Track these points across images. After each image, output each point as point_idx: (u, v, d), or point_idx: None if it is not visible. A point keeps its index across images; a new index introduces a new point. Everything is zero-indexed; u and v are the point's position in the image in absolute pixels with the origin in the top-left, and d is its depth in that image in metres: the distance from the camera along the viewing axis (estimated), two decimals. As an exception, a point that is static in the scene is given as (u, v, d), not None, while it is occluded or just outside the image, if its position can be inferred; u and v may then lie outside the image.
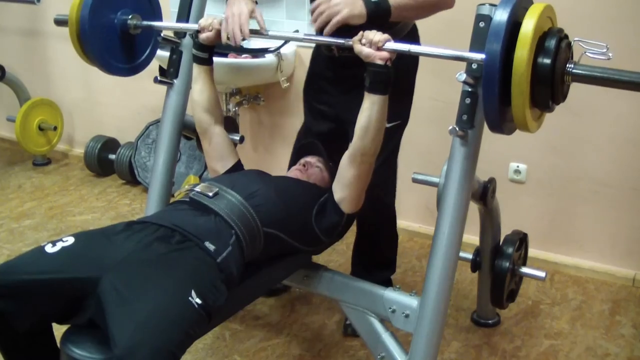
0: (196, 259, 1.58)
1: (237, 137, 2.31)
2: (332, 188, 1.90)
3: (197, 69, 2.06)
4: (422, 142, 2.92)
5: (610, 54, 1.48)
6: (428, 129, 2.87)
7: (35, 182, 3.77)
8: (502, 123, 1.52)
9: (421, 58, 2.12)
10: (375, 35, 1.70)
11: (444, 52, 1.66)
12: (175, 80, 2.23)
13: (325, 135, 2.26)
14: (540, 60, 1.46)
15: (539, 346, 2.34)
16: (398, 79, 2.08)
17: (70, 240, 1.55)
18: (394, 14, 1.85)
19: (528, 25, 1.43)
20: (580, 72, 1.49)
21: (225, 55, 3.06)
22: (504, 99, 1.47)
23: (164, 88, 2.26)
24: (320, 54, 2.21)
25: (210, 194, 1.77)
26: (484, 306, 2.42)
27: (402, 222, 3.03)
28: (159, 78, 2.21)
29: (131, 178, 3.65)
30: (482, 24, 1.63)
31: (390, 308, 1.82)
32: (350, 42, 1.75)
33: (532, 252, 2.59)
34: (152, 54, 2.30)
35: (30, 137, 3.84)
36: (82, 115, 3.92)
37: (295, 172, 2.11)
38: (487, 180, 2.07)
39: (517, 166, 2.86)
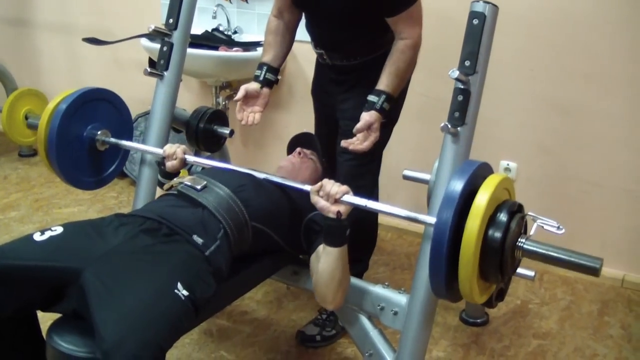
0: (183, 252, 1.56)
1: (226, 131, 2.29)
2: (310, 260, 1.83)
3: (159, 191, 2.03)
4: (412, 139, 2.91)
5: (562, 230, 1.46)
6: (419, 125, 2.86)
7: (21, 173, 3.73)
8: (449, 291, 1.45)
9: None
10: (333, 187, 1.64)
11: (400, 212, 1.61)
12: (165, 73, 2.21)
13: (325, 128, 2.33)
14: (491, 233, 1.41)
15: (527, 346, 2.34)
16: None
17: (59, 229, 1.55)
18: (396, 94, 2.00)
19: (482, 198, 1.38)
20: (531, 248, 1.45)
21: (216, 48, 3.04)
22: (452, 266, 1.40)
23: (153, 80, 2.24)
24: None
25: (199, 187, 1.75)
26: (473, 305, 2.41)
27: (391, 220, 3.02)
28: (148, 70, 2.19)
29: (119, 171, 3.62)
30: (475, 22, 1.61)
31: (379, 305, 1.81)
32: (308, 190, 1.70)
33: (522, 251, 2.58)
34: (119, 169, 2.26)
35: (16, 127, 3.78)
36: (70, 107, 3.87)
37: (290, 159, 2.08)
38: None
39: (507, 164, 2.85)
